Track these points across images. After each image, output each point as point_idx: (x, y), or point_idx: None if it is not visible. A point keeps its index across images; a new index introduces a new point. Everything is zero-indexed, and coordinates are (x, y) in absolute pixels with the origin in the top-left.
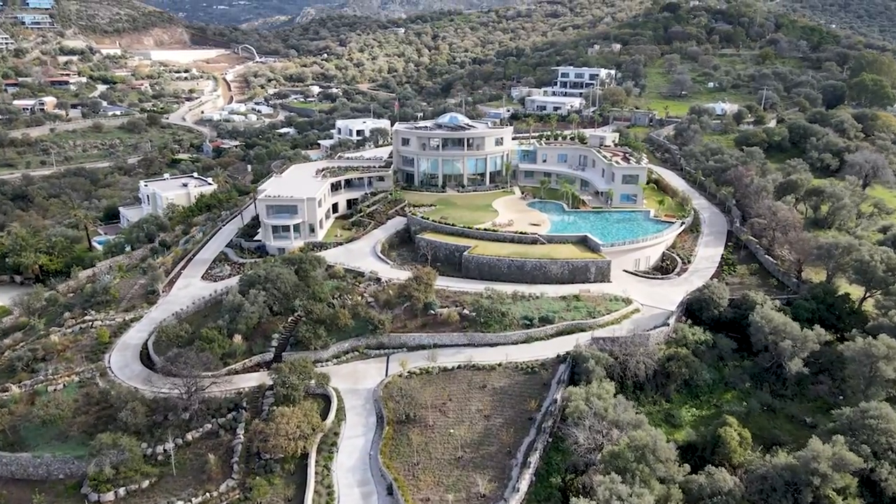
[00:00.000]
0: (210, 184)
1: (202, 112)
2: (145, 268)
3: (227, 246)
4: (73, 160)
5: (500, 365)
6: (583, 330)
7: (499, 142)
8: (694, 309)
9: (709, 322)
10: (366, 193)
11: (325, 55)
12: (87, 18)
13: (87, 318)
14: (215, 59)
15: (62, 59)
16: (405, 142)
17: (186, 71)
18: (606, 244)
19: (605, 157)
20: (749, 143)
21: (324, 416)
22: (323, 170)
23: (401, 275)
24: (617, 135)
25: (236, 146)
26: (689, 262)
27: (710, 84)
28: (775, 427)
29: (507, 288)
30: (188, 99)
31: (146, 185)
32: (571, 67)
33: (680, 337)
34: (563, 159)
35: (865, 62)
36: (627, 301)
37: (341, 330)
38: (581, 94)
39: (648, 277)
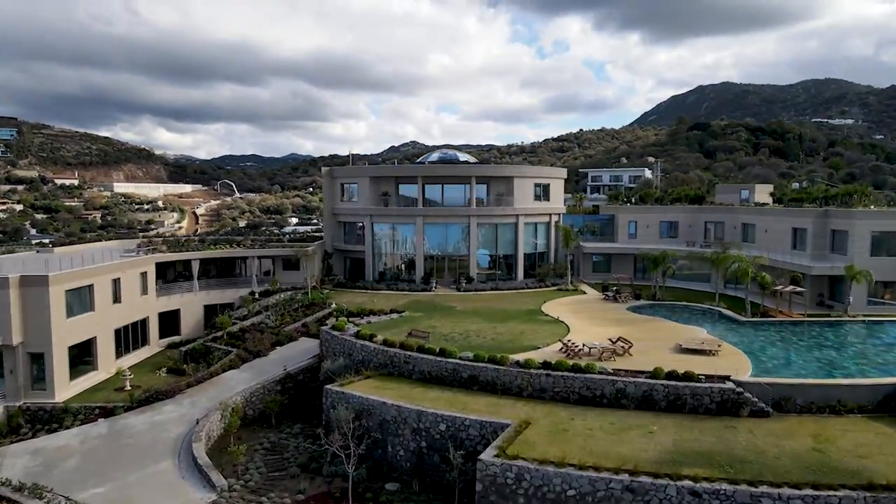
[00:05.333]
0: None
1: None
2: None
3: None
4: None
5: None
6: None
7: (542, 193)
8: None
9: None
10: (252, 292)
11: (311, 189)
12: (51, 151)
13: None
14: (189, 193)
15: (5, 188)
16: (346, 193)
17: (150, 203)
18: None
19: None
20: None
21: None
22: (152, 242)
23: None
24: (771, 187)
25: None
26: None
27: (795, 184)
28: None
29: None
30: (143, 230)
31: None
32: (605, 169)
33: None
34: (670, 231)
35: None
36: None
37: None
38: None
39: None
